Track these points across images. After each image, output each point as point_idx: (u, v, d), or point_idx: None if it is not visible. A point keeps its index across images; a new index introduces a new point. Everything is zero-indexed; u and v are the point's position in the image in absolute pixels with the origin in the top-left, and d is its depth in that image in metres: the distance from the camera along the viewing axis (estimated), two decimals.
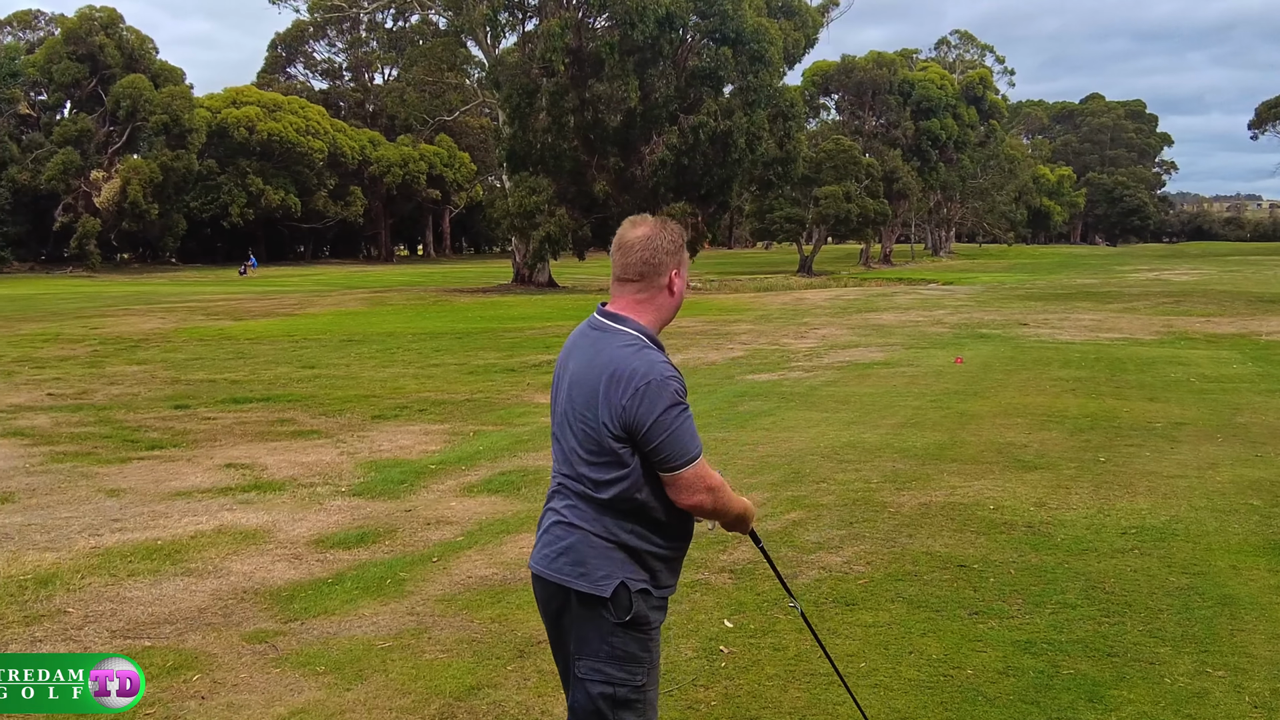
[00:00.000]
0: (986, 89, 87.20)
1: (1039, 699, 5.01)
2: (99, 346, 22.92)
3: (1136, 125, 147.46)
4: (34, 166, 72.40)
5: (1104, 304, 34.30)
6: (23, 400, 15.13)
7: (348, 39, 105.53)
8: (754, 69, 46.61)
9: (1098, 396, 14.52)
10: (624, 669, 3.21)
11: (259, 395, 15.41)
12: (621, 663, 3.20)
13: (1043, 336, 23.59)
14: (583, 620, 3.23)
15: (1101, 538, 7.60)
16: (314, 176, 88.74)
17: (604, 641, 3.20)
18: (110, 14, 75.59)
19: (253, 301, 39.09)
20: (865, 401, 14.39)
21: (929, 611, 6.16)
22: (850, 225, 69.93)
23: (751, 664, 5.44)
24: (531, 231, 46.50)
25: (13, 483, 9.78)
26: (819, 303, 37.70)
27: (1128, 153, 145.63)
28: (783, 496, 8.93)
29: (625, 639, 3.20)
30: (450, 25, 55.43)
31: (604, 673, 3.20)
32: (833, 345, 22.37)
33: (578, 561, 3.23)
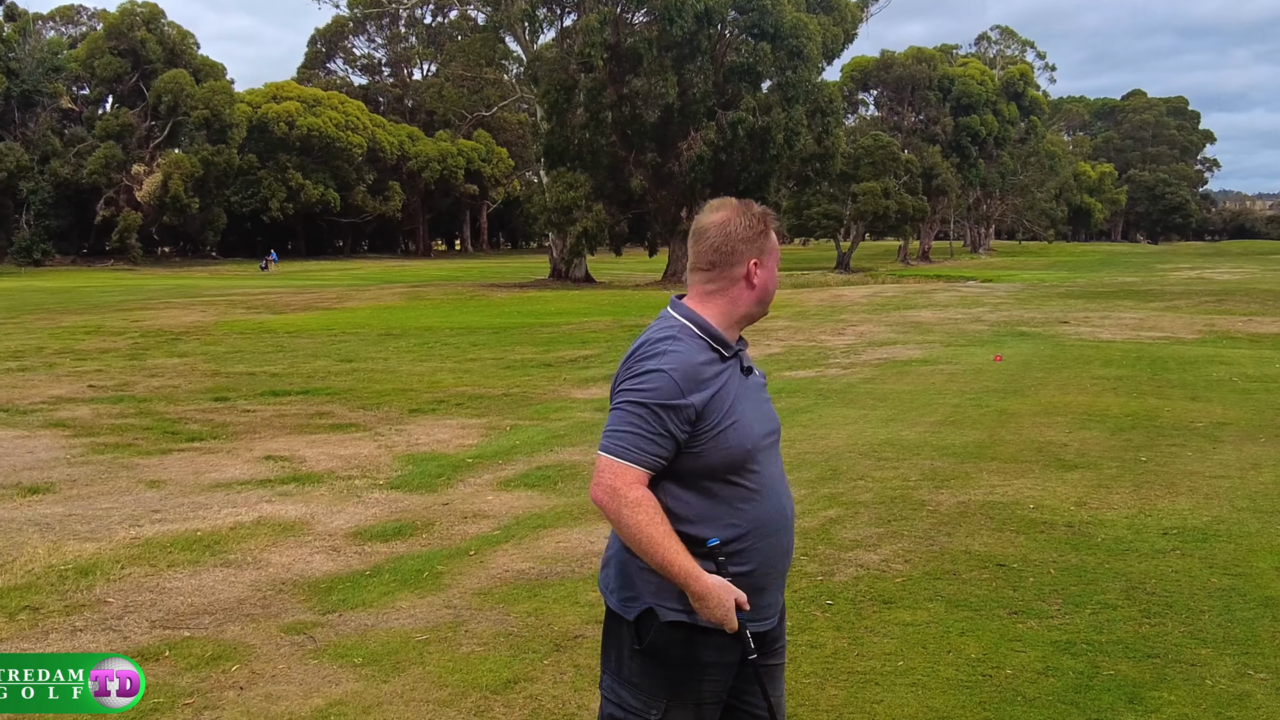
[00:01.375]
0: (1027, 85, 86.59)
1: (1078, 700, 4.96)
2: (140, 339, 23.14)
3: (1179, 122, 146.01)
4: (76, 160, 73.17)
5: (1145, 302, 33.98)
6: (64, 392, 15.28)
7: (387, 35, 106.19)
8: (792, 64, 46.49)
9: (1139, 396, 14.39)
10: (638, 697, 3.01)
11: (298, 388, 15.50)
12: (636, 690, 3.01)
13: (1083, 335, 23.40)
14: (608, 634, 3.13)
15: (1142, 538, 7.53)
16: (353, 171, 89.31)
17: (622, 663, 3.05)
18: (152, 9, 76.28)
19: (292, 295, 39.33)
20: (903, 399, 14.32)
21: (967, 611, 6.12)
22: (888, 222, 69.74)
23: (788, 661, 5.41)
24: (568, 227, 46.58)
25: (54, 473, 9.88)
26: (857, 300, 37.53)
27: (1169, 150, 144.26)
28: (820, 494, 8.90)
29: (642, 666, 3.00)
30: (489, 21, 55.60)
31: (617, 694, 3.05)
32: (870, 342, 22.28)
33: (612, 575, 3.10)
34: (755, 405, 3.07)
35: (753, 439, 2.99)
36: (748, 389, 3.05)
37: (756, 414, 3.05)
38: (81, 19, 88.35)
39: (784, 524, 3.09)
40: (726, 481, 2.96)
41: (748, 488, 2.98)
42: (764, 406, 3.14)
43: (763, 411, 3.11)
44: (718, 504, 2.95)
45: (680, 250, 49.63)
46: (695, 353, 2.96)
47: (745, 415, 2.99)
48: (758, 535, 2.99)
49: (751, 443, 2.98)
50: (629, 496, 2.85)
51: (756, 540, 2.99)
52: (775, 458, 3.14)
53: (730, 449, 2.94)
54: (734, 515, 2.95)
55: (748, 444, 2.97)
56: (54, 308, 33.14)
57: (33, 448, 11.12)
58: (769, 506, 3.03)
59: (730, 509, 2.96)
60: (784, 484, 3.15)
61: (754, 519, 2.98)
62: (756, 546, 2.99)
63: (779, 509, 3.06)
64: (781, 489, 3.12)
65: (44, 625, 5.95)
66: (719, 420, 2.93)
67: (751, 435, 2.99)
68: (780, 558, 3.10)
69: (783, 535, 3.09)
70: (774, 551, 3.06)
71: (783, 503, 3.09)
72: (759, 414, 3.07)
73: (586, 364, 18.43)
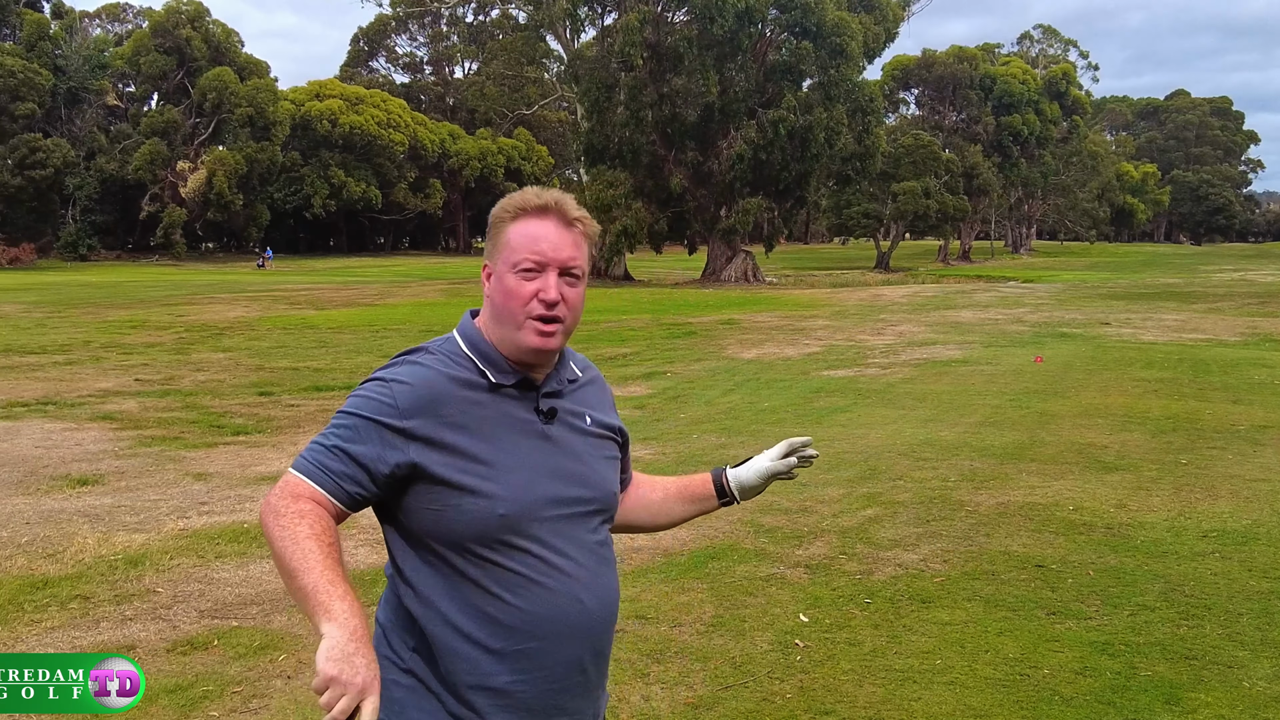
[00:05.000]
0: (1070, 84, 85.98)
1: (1116, 700, 4.98)
2: (185, 333, 23.40)
3: (1222, 122, 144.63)
4: (122, 157, 73.90)
5: (1188, 304, 33.71)
6: (111, 385, 15.50)
7: (429, 33, 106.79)
8: (834, 63, 46.43)
9: (1180, 398, 14.31)
10: None
11: (341, 384, 15.65)
12: None
13: (1125, 336, 23.26)
14: None
15: (1182, 540, 7.52)
16: (394, 169, 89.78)
17: None
18: (197, 7, 76.92)
19: (334, 291, 39.63)
20: (943, 399, 14.30)
21: (1006, 611, 6.14)
22: (929, 221, 69.49)
23: (826, 658, 5.46)
24: (608, 225, 46.64)
25: (102, 465, 10.04)
26: (896, 299, 37.43)
27: (1213, 150, 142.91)
28: (858, 493, 8.93)
29: None
30: (530, 20, 55.89)
31: None
32: (910, 342, 22.23)
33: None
34: (547, 459, 2.29)
35: (521, 504, 2.22)
36: (539, 437, 2.31)
37: (544, 470, 2.28)
38: (127, 17, 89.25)
39: (577, 628, 2.27)
40: (479, 557, 2.21)
41: (513, 570, 2.22)
42: (569, 464, 2.33)
43: (563, 470, 2.31)
44: (463, 585, 2.22)
45: (720, 249, 49.68)
46: (440, 368, 2.28)
47: (513, 469, 2.24)
48: (527, 637, 2.22)
49: (515, 508, 2.21)
50: (280, 506, 2.13)
51: (523, 642, 2.22)
52: (580, 535, 2.32)
53: (474, 510, 2.20)
54: (490, 604, 2.21)
55: (502, 509, 2.20)
56: (100, 302, 33.53)
57: (81, 440, 11.30)
58: (552, 601, 2.24)
59: (484, 595, 2.21)
60: (593, 573, 2.32)
61: (524, 615, 2.22)
62: (524, 650, 2.22)
63: (571, 607, 2.26)
64: (583, 578, 2.29)
65: (95, 614, 6.07)
66: (462, 468, 2.20)
67: (519, 498, 2.22)
68: (568, 674, 2.28)
69: (571, 643, 2.27)
70: (555, 663, 2.25)
71: (580, 599, 2.27)
72: (551, 471, 2.29)
73: (625, 361, 18.50)
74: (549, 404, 2.33)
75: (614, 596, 2.38)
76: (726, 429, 12.02)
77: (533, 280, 2.25)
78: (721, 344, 21.83)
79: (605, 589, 2.34)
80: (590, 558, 2.32)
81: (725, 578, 6.73)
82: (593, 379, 2.51)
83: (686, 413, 13.29)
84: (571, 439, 2.35)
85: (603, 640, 2.36)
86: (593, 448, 2.40)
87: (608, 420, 2.47)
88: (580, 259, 2.31)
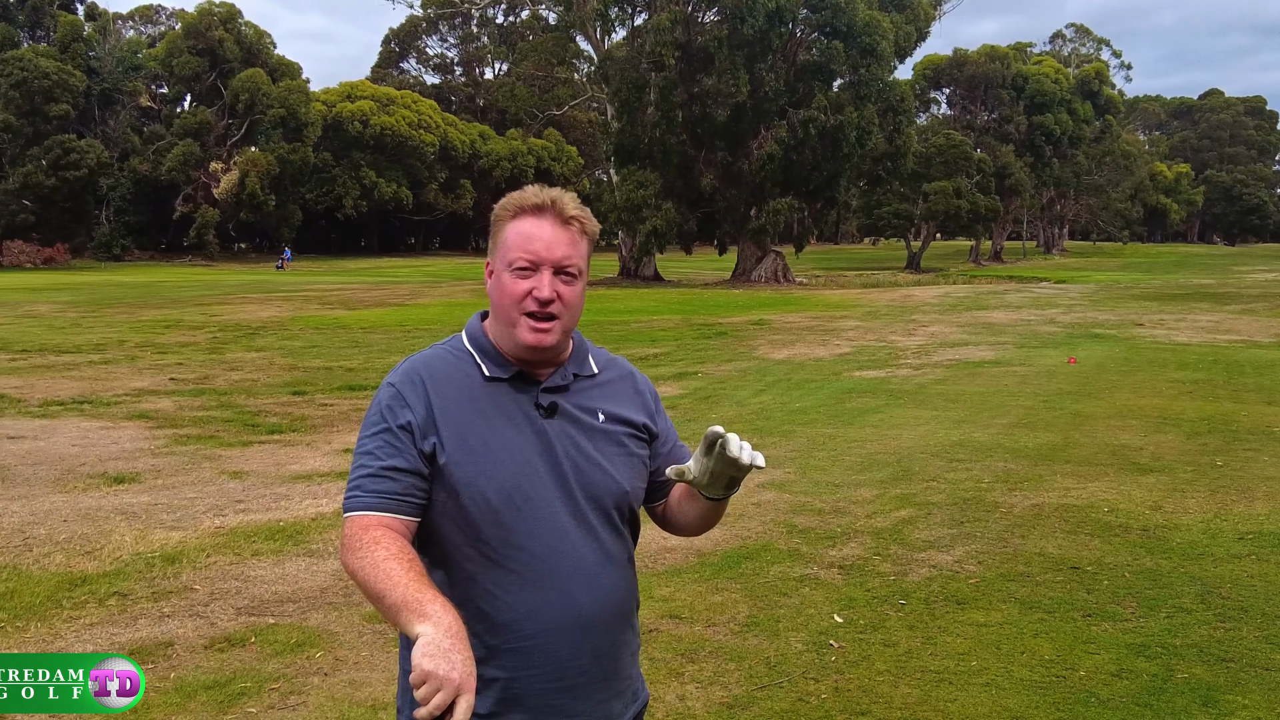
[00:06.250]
0: (1103, 83, 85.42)
1: (1152, 702, 4.96)
2: (218, 333, 23.57)
3: (1256, 122, 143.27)
4: (155, 158, 74.46)
5: (1221, 305, 33.47)
6: (146, 384, 15.62)
7: (459, 34, 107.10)
8: (865, 63, 46.26)
9: (1215, 399, 14.21)
10: None
11: (373, 383, 15.67)
12: None
13: (1158, 337, 23.11)
14: None
15: (1218, 542, 7.47)
16: (425, 169, 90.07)
17: None
18: (229, 9, 77.40)
19: (365, 292, 39.81)
20: (975, 400, 14.25)
21: (1041, 612, 6.12)
22: (960, 221, 69.23)
23: (861, 659, 5.46)
24: (638, 225, 46.69)
25: (139, 463, 10.12)
26: (927, 300, 37.30)
27: (1247, 150, 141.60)
28: (892, 494, 8.91)
29: None
30: (560, 20, 56.01)
31: None
32: (942, 343, 22.15)
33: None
34: (543, 454, 2.28)
35: (504, 493, 2.23)
36: (535, 432, 2.29)
37: (539, 466, 2.27)
38: (160, 18, 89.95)
39: (571, 627, 2.27)
40: (477, 553, 2.25)
41: (507, 567, 2.24)
42: (569, 460, 2.30)
43: (562, 466, 2.29)
44: (461, 582, 2.25)
45: (750, 249, 49.60)
46: (436, 361, 2.35)
47: (505, 462, 2.24)
48: (520, 635, 2.24)
49: (500, 499, 2.23)
50: (352, 543, 2.15)
51: (516, 640, 2.23)
52: (580, 533, 2.30)
53: (466, 502, 2.22)
54: (484, 600, 2.23)
55: (491, 500, 2.22)
56: (133, 302, 33.80)
57: (117, 438, 11.40)
58: (545, 599, 2.24)
59: (479, 591, 2.24)
60: (592, 572, 2.30)
61: (516, 612, 2.24)
62: (517, 648, 2.24)
63: (564, 606, 2.25)
64: (580, 577, 2.28)
65: (132, 611, 6.11)
66: (456, 460, 2.23)
67: (504, 490, 2.23)
68: (564, 673, 2.27)
69: (566, 643, 2.27)
70: (550, 662, 2.25)
71: (575, 597, 2.26)
72: (548, 467, 2.28)
73: (656, 362, 18.50)
74: (549, 399, 2.33)
75: (617, 596, 2.36)
76: (758, 430, 12.00)
77: (527, 279, 2.28)
78: (752, 344, 21.81)
79: (606, 588, 2.32)
80: (590, 556, 2.30)
81: (759, 578, 6.73)
82: (618, 377, 2.50)
83: (717, 413, 13.28)
84: (575, 434, 2.33)
85: (605, 640, 2.33)
86: (602, 444, 2.36)
87: (628, 416, 2.43)
88: (576, 257, 2.32)
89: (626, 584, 2.41)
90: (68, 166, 68.39)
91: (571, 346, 2.42)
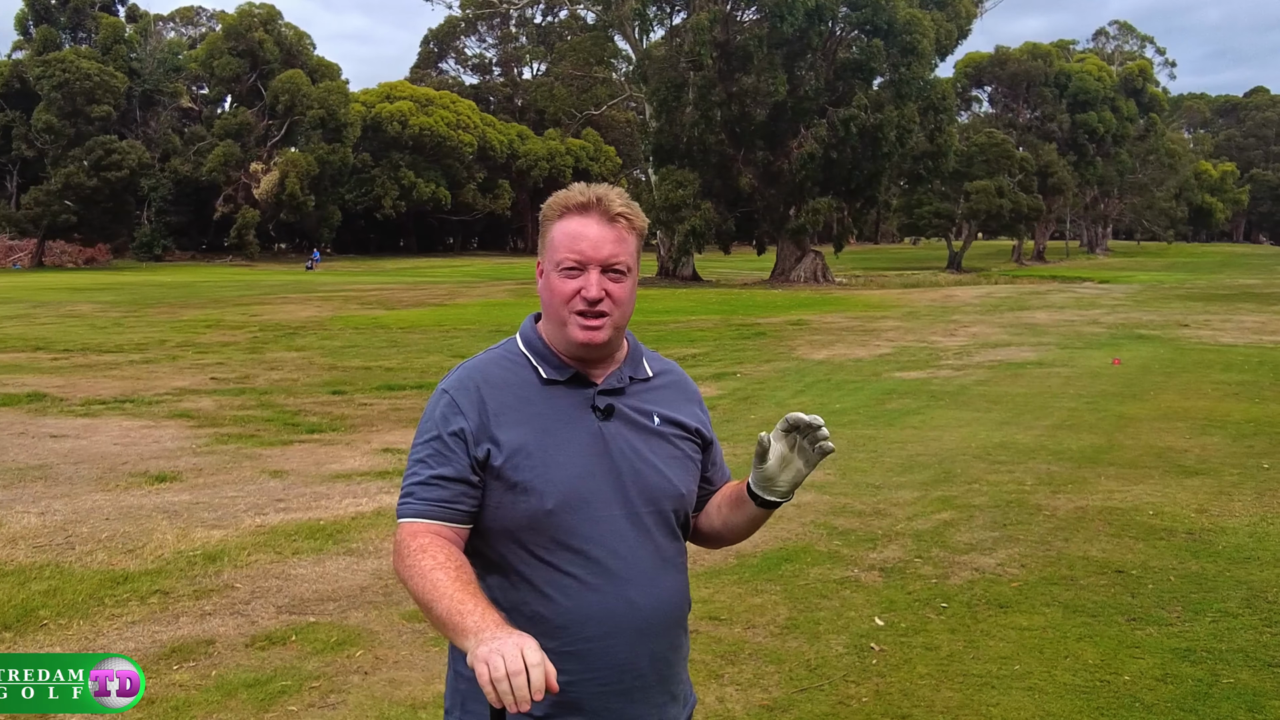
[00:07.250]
0: (1146, 81, 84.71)
1: (1197, 707, 4.89)
2: (258, 333, 23.74)
3: None
4: (195, 158, 75.18)
5: (1268, 305, 33.08)
6: (187, 383, 15.74)
7: (498, 35, 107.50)
8: (905, 61, 45.99)
9: (1261, 401, 14.04)
10: None
11: (412, 383, 15.77)
12: None
13: (1204, 338, 22.86)
14: None
15: (1264, 546, 7.37)
16: (463, 170, 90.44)
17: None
18: (269, 10, 78.01)
19: (404, 292, 39.98)
20: (1018, 402, 14.14)
21: (1085, 616, 6.05)
22: (1002, 221, 68.74)
23: (903, 662, 5.41)
24: (676, 225, 46.60)
25: (180, 462, 10.20)
26: (968, 300, 37.07)
27: None
28: (933, 496, 8.84)
29: None
30: (598, 20, 56.02)
31: None
32: (983, 344, 22.00)
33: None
34: (601, 456, 2.28)
35: (569, 500, 2.24)
36: (593, 434, 2.29)
37: (596, 468, 2.27)
38: (200, 20, 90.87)
39: (628, 631, 2.26)
40: (533, 555, 2.25)
41: (563, 570, 2.24)
42: (625, 462, 2.31)
43: (618, 468, 2.29)
44: (519, 584, 2.27)
45: (789, 249, 49.46)
46: (492, 365, 2.36)
47: (563, 465, 2.25)
48: (577, 637, 2.23)
49: (564, 504, 2.23)
50: (403, 550, 2.19)
51: (573, 643, 2.22)
52: (636, 535, 2.30)
53: (523, 505, 2.23)
54: (541, 603, 2.24)
55: (549, 503, 2.22)
56: (174, 301, 34.10)
57: (159, 437, 11.49)
58: (601, 603, 2.24)
59: (535, 594, 2.25)
60: (649, 575, 2.30)
61: (572, 615, 2.23)
62: (574, 651, 2.21)
63: (621, 609, 2.25)
64: (636, 579, 2.28)
65: (174, 609, 6.15)
66: (514, 464, 2.24)
67: (567, 494, 2.24)
68: (621, 676, 2.27)
69: (623, 646, 2.26)
70: (607, 665, 2.25)
71: (632, 600, 2.26)
72: (606, 469, 2.28)
73: (695, 362, 18.47)
74: (605, 401, 2.33)
75: (674, 599, 2.37)
76: None
77: (575, 279, 2.27)
78: (791, 345, 21.74)
79: (662, 591, 2.33)
80: (647, 558, 2.30)
81: (798, 580, 6.69)
82: (672, 381, 2.50)
83: (756, 414, 13.23)
84: (631, 437, 2.33)
85: (661, 644, 2.33)
86: (658, 447, 2.36)
87: (682, 420, 2.43)
88: (623, 254, 2.30)
89: (681, 587, 2.41)
90: (109, 167, 69.08)
91: (627, 348, 2.42)
